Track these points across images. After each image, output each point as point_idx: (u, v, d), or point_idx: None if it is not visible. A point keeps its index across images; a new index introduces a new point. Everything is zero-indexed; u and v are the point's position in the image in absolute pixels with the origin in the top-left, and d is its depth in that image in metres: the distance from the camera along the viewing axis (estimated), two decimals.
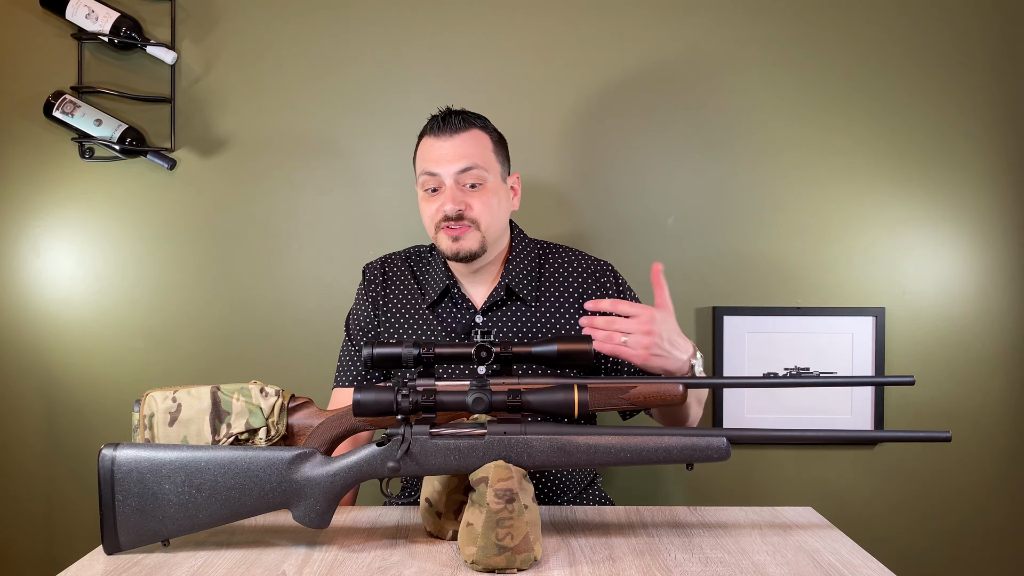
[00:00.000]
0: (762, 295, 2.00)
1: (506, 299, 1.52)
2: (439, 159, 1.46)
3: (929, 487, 2.02)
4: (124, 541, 1.11)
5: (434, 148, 1.47)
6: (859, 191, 2.00)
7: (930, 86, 1.99)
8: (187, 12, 1.96)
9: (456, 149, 1.46)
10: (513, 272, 1.53)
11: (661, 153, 2.00)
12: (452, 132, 1.47)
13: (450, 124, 1.47)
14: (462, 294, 1.52)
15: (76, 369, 1.97)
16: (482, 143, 1.49)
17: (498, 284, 1.52)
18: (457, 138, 1.46)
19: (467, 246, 1.45)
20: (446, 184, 1.45)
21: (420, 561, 1.09)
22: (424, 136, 1.51)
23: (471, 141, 1.47)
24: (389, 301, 1.56)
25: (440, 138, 1.47)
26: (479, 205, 1.45)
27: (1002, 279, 2.00)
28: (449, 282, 1.52)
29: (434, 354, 1.13)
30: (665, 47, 1.98)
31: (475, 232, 1.45)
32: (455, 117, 1.48)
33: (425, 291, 1.55)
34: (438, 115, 1.51)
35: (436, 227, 1.47)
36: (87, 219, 1.97)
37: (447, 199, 1.44)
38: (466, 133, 1.47)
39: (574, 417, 1.11)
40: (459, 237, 1.45)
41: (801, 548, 1.14)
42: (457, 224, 1.44)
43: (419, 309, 1.54)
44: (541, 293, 1.53)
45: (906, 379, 1.19)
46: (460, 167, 1.45)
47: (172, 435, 1.21)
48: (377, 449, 1.12)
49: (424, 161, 1.49)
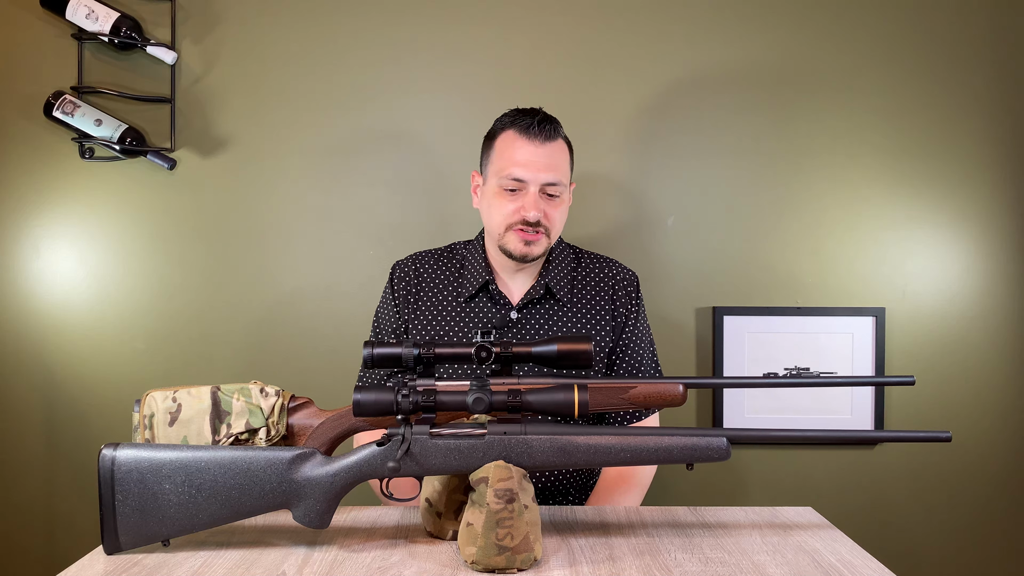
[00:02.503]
0: (762, 295, 2.00)
1: (543, 297, 1.56)
2: (528, 164, 1.47)
3: (929, 487, 2.02)
4: (124, 541, 1.11)
5: (525, 151, 1.48)
6: (859, 191, 2.00)
7: (931, 86, 1.99)
8: (187, 12, 1.96)
9: (547, 159, 1.48)
10: (553, 272, 1.57)
11: (661, 153, 2.00)
12: (544, 139, 1.49)
13: (544, 130, 1.49)
14: (499, 290, 1.55)
15: (76, 369, 1.97)
16: (564, 155, 1.53)
17: (537, 282, 1.56)
18: (548, 147, 1.49)
19: (536, 251, 1.50)
20: (530, 191, 1.48)
21: (420, 561, 1.09)
22: (509, 131, 1.51)
23: (559, 153, 1.51)
24: (421, 297, 1.58)
25: (533, 142, 1.48)
26: (555, 215, 1.50)
27: (1002, 279, 2.00)
28: (488, 277, 1.55)
29: (434, 354, 1.13)
30: (665, 49, 1.98)
31: (545, 239, 1.50)
32: (547, 124, 1.50)
33: (463, 285, 1.57)
34: (529, 115, 1.51)
35: (508, 226, 1.49)
36: (87, 219, 1.97)
37: (530, 206, 1.47)
38: (555, 143, 1.50)
39: (574, 417, 1.11)
40: (532, 242, 1.49)
41: (801, 548, 1.14)
42: (533, 230, 1.48)
43: (454, 303, 1.57)
44: (575, 294, 1.58)
45: (906, 379, 1.19)
46: (548, 180, 1.48)
47: (172, 435, 1.21)
48: (377, 449, 1.12)
49: (510, 162, 1.49)
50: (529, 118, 1.50)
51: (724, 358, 1.98)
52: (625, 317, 1.58)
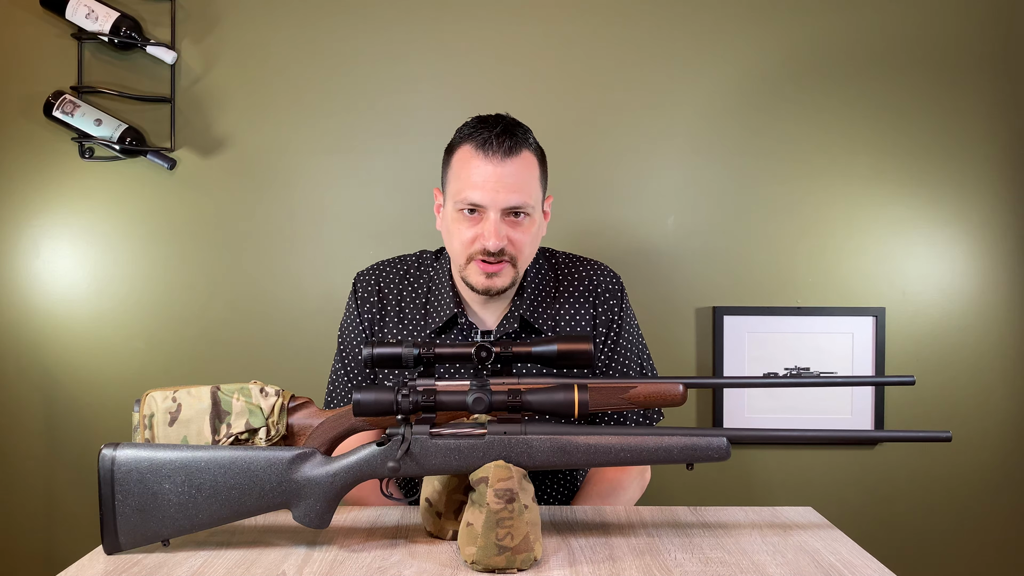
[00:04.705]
0: (762, 295, 2.00)
1: (519, 331, 1.42)
2: (484, 186, 1.30)
3: (929, 487, 2.02)
4: (124, 541, 1.11)
5: (480, 171, 1.31)
6: (859, 191, 2.00)
7: (930, 86, 1.99)
8: (187, 12, 1.96)
9: (506, 179, 1.30)
10: (528, 299, 1.43)
11: (661, 153, 2.00)
12: (504, 155, 1.31)
13: (502, 145, 1.31)
14: (469, 322, 1.41)
15: (76, 369, 1.97)
16: (530, 170, 1.34)
17: (510, 312, 1.41)
18: (508, 164, 1.31)
19: (500, 283, 1.34)
20: (489, 216, 1.31)
21: (420, 561, 1.09)
22: (466, 146, 1.34)
23: (522, 170, 1.32)
24: (386, 322, 1.45)
25: (490, 159, 1.31)
26: (520, 240, 1.33)
27: (1002, 279, 2.00)
28: (457, 309, 1.40)
29: (434, 354, 1.13)
30: (665, 49, 1.99)
31: (511, 268, 1.34)
32: (507, 137, 1.32)
33: (429, 315, 1.43)
34: (487, 126, 1.34)
35: (469, 257, 1.34)
36: (87, 219, 1.97)
37: (491, 233, 1.30)
38: (518, 158, 1.32)
39: (574, 417, 1.11)
40: (494, 274, 1.33)
41: (801, 548, 1.14)
42: (496, 260, 1.32)
43: (419, 337, 1.42)
44: (556, 320, 1.44)
45: (906, 379, 1.19)
46: (510, 204, 1.31)
47: (172, 435, 1.21)
48: (377, 449, 1.12)
49: (466, 183, 1.32)
50: (487, 131, 1.32)
51: (724, 358, 1.98)
52: (606, 331, 1.46)
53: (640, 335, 1.54)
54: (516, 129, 1.35)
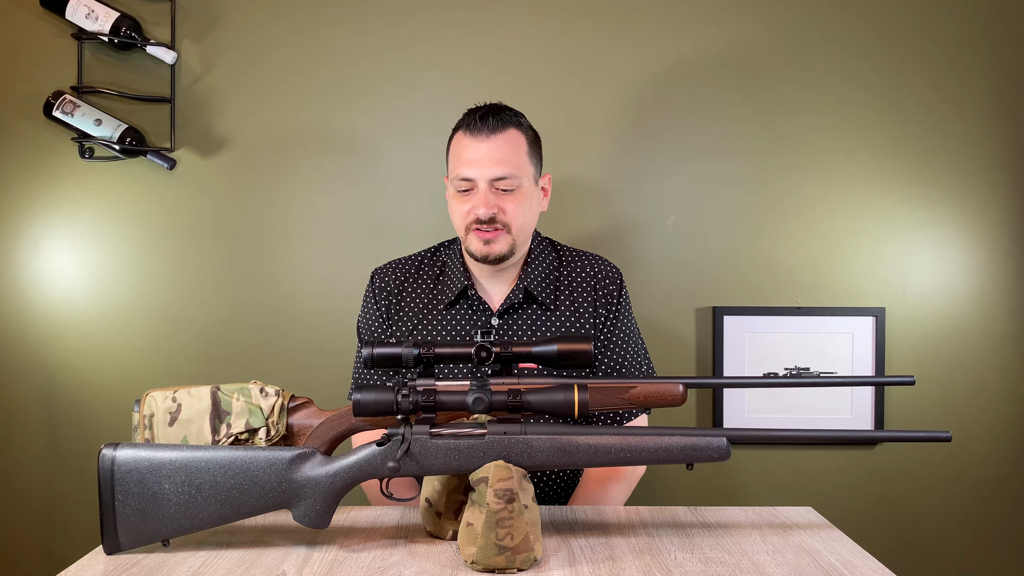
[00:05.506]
0: (762, 295, 2.00)
1: (524, 302, 1.51)
2: (473, 161, 1.44)
3: (929, 487, 2.02)
4: (124, 541, 1.11)
5: (469, 148, 1.45)
6: (859, 191, 2.00)
7: (931, 86, 1.99)
8: (187, 12, 1.96)
9: (492, 153, 1.43)
10: (533, 275, 1.52)
11: (661, 153, 2.00)
12: (489, 133, 1.44)
13: (487, 124, 1.44)
14: (479, 296, 1.50)
15: (76, 369, 1.97)
16: (517, 145, 1.46)
17: (516, 286, 1.51)
18: (494, 140, 1.44)
19: (498, 249, 1.45)
20: (479, 187, 1.44)
21: (420, 561, 1.09)
22: (459, 131, 1.48)
23: (507, 144, 1.44)
24: (402, 307, 1.54)
25: (476, 138, 1.44)
26: (512, 208, 1.44)
27: (1002, 279, 2.00)
28: (467, 283, 1.50)
29: (434, 354, 1.13)
30: (664, 49, 1.98)
31: (506, 235, 1.44)
32: (492, 116, 1.45)
33: (442, 291, 1.53)
34: (475, 111, 1.48)
35: (467, 228, 1.46)
36: (87, 219, 1.97)
37: (480, 202, 1.43)
38: (503, 135, 1.44)
39: (574, 417, 1.11)
40: (490, 240, 1.44)
41: (801, 548, 1.14)
42: (490, 227, 1.43)
43: (434, 311, 1.52)
44: (558, 296, 1.53)
45: (906, 379, 1.19)
46: (495, 174, 1.43)
47: (172, 435, 1.21)
48: (377, 449, 1.12)
49: (458, 162, 1.46)
50: (475, 114, 1.46)
51: (724, 358, 1.98)
52: (605, 316, 1.54)
53: (637, 329, 1.60)
54: (503, 112, 1.47)
